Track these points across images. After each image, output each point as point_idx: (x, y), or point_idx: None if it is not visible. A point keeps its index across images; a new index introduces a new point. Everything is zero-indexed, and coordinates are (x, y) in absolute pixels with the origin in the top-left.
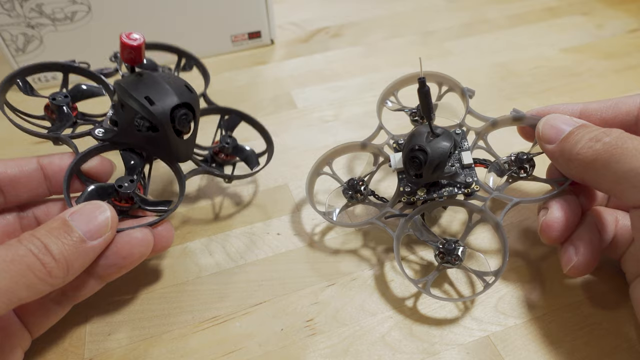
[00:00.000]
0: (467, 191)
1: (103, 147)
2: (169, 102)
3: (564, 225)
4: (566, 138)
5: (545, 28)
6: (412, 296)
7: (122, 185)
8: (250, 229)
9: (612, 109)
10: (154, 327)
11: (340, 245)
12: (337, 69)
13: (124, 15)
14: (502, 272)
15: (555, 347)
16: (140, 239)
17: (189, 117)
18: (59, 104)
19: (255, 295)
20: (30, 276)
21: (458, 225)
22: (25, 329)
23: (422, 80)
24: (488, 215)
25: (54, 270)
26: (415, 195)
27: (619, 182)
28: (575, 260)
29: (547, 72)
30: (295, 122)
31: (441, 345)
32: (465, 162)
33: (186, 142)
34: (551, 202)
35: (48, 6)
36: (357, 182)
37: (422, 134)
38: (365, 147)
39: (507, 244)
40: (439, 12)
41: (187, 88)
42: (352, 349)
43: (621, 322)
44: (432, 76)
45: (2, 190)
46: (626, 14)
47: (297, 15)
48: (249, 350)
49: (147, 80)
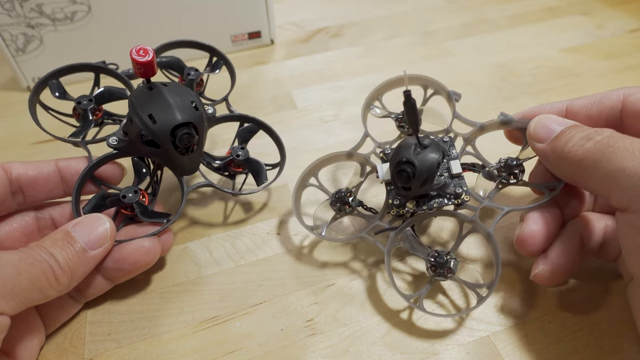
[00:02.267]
0: (457, 202)
1: (115, 155)
2: (171, 121)
3: (538, 238)
4: (557, 137)
5: (545, 28)
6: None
7: (126, 195)
8: (251, 229)
9: (597, 105)
10: (154, 327)
11: (340, 245)
12: (337, 69)
13: (124, 15)
14: (495, 285)
15: (555, 347)
16: (147, 248)
17: (191, 136)
18: (83, 108)
19: (255, 295)
20: (43, 280)
21: (447, 233)
22: (41, 321)
23: (408, 93)
24: (479, 226)
25: (61, 278)
26: (405, 207)
27: (607, 182)
28: (540, 268)
29: (547, 72)
30: (295, 122)
31: (441, 345)
32: (454, 171)
33: (190, 158)
34: (528, 214)
35: (48, 6)
36: (344, 194)
37: (409, 146)
38: (352, 157)
39: (499, 256)
40: (439, 12)
41: (194, 105)
42: (352, 349)
43: (621, 322)
44: (416, 79)
45: (22, 191)
46: (626, 14)
47: (297, 15)
48: (249, 350)
49: (154, 95)
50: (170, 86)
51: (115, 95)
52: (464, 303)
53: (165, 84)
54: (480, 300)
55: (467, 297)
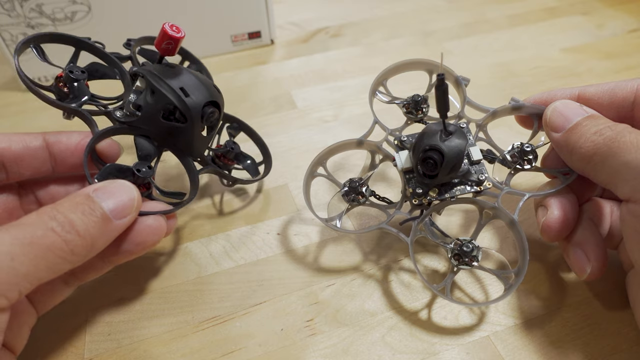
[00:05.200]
0: (479, 189)
1: (121, 129)
2: (202, 98)
3: (564, 224)
4: (572, 129)
5: (545, 28)
6: (412, 296)
7: (140, 169)
8: (251, 229)
9: (609, 95)
10: (154, 327)
11: (340, 245)
12: (337, 69)
13: (123, 15)
14: (524, 271)
15: (555, 347)
16: (154, 227)
17: (215, 115)
18: (76, 78)
19: (255, 295)
20: (50, 257)
21: (455, 225)
22: (32, 306)
23: (442, 77)
24: (502, 213)
25: (78, 248)
26: (427, 196)
27: (613, 175)
28: (589, 267)
29: (547, 72)
30: (295, 122)
31: (441, 345)
32: (474, 157)
33: (205, 139)
34: (549, 200)
35: (48, 6)
36: (358, 184)
37: (434, 133)
38: (362, 145)
39: (525, 242)
40: (439, 12)
41: (216, 88)
42: (352, 349)
43: (621, 322)
44: (422, 64)
45: (5, 167)
46: (626, 14)
47: (297, 15)
48: (249, 350)
49: (180, 72)
50: (189, 69)
51: (107, 74)
52: (479, 293)
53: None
54: (509, 287)
55: (484, 287)
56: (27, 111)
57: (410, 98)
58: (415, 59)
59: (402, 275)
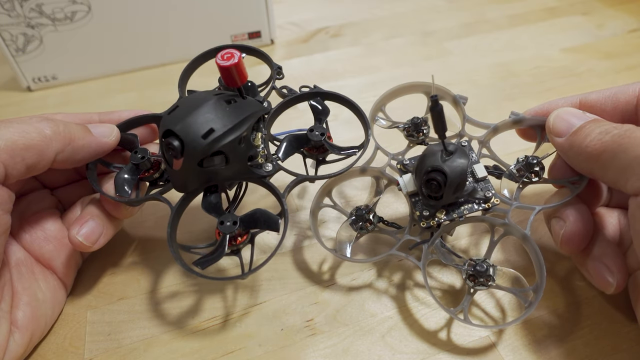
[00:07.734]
0: (487, 206)
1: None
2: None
3: (584, 234)
4: (576, 132)
5: (545, 28)
6: (412, 296)
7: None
8: None
9: (612, 100)
10: (154, 327)
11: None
12: (337, 68)
13: (123, 15)
14: (543, 287)
15: (555, 347)
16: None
17: (172, 145)
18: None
19: (255, 295)
20: (34, 136)
21: (466, 242)
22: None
23: (435, 99)
24: (513, 229)
25: (55, 138)
26: (435, 218)
27: (624, 171)
28: (614, 280)
29: (547, 72)
30: (295, 122)
31: (441, 345)
32: (479, 175)
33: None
34: (565, 211)
35: (48, 6)
36: (365, 211)
37: (435, 154)
38: (365, 172)
39: (540, 256)
40: (439, 12)
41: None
42: (352, 349)
43: (621, 322)
44: (419, 87)
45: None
46: (626, 14)
47: (297, 15)
48: (249, 350)
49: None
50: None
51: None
52: (495, 312)
53: None
54: (529, 305)
55: (500, 305)
56: (27, 111)
57: (410, 121)
58: (410, 83)
59: (402, 275)
